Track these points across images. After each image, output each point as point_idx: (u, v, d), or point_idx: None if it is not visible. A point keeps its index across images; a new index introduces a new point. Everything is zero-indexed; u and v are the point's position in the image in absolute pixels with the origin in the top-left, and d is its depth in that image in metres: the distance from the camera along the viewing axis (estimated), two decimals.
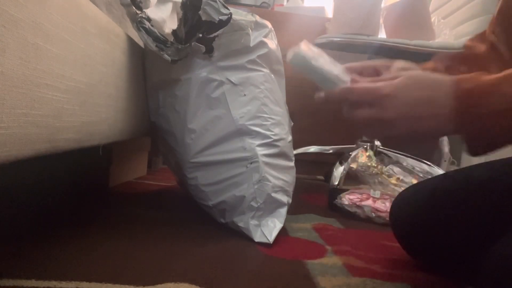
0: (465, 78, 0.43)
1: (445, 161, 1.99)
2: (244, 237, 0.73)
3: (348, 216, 1.00)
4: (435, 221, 0.60)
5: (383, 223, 0.96)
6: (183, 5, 0.76)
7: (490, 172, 0.57)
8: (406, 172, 1.14)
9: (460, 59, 0.60)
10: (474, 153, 0.45)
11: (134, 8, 0.71)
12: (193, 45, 0.72)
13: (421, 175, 1.14)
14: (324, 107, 1.70)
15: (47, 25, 0.42)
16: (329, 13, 1.75)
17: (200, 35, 0.72)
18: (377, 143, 1.33)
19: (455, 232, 0.58)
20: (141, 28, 0.71)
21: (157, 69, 0.79)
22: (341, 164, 1.16)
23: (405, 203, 0.67)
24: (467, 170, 0.62)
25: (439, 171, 1.17)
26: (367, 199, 1.01)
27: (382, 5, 1.27)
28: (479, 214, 0.55)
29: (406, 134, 0.44)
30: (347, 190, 1.09)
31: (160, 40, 0.72)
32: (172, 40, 0.75)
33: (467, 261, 0.55)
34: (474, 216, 0.55)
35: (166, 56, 0.72)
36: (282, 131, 0.78)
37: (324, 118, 1.71)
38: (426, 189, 0.64)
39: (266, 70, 0.80)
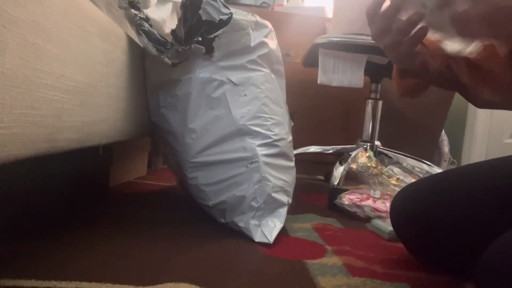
0: None
1: (445, 161, 1.99)
2: (244, 237, 0.73)
3: (348, 216, 1.00)
4: (435, 216, 0.60)
5: None
6: (183, 5, 0.76)
7: (491, 168, 0.58)
8: (406, 173, 1.14)
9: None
10: None
11: (132, 10, 0.71)
12: (193, 47, 0.72)
13: (421, 176, 1.14)
14: (324, 107, 1.70)
15: (47, 25, 0.42)
16: (329, 13, 1.75)
17: (200, 38, 0.72)
18: (377, 143, 1.33)
19: (454, 228, 0.58)
20: (141, 32, 0.71)
21: (157, 69, 0.79)
22: (341, 164, 1.16)
23: (405, 199, 0.67)
24: (467, 167, 0.63)
25: (439, 171, 1.17)
26: (367, 199, 1.01)
27: None
28: (479, 210, 0.55)
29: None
30: (347, 190, 1.09)
31: (160, 42, 0.72)
32: (171, 40, 0.74)
33: (467, 258, 0.55)
34: (474, 212, 0.56)
35: (166, 60, 0.72)
36: (282, 131, 0.78)
37: (324, 118, 1.71)
38: (426, 185, 0.65)
39: (266, 70, 0.80)
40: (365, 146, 1.30)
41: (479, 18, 0.45)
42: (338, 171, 1.14)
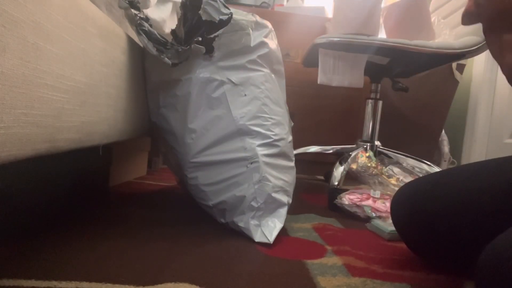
0: None
1: (445, 161, 1.99)
2: (244, 237, 0.73)
3: (348, 216, 1.00)
4: (436, 213, 0.60)
5: None
6: (183, 5, 0.76)
7: (493, 167, 0.58)
8: (406, 173, 1.14)
9: None
10: None
11: (132, 10, 0.71)
12: (193, 47, 0.72)
13: (421, 176, 1.14)
14: (324, 107, 1.71)
15: (47, 25, 0.42)
16: (329, 13, 1.75)
17: (200, 38, 0.72)
18: (377, 143, 1.33)
19: (455, 224, 0.58)
20: (141, 32, 0.71)
21: (157, 69, 0.79)
22: (341, 164, 1.16)
23: (406, 195, 0.67)
24: (469, 165, 0.63)
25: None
26: (367, 199, 1.01)
27: (382, 5, 1.26)
28: (480, 207, 0.55)
29: None
30: (347, 190, 1.09)
31: (160, 42, 0.72)
32: (171, 40, 0.74)
33: (469, 255, 0.55)
34: (475, 210, 0.56)
35: (166, 60, 0.72)
36: (282, 131, 0.78)
37: (324, 118, 1.71)
38: (428, 182, 0.65)
39: (266, 70, 0.80)
40: (365, 146, 1.30)
41: None
42: (338, 171, 1.14)
